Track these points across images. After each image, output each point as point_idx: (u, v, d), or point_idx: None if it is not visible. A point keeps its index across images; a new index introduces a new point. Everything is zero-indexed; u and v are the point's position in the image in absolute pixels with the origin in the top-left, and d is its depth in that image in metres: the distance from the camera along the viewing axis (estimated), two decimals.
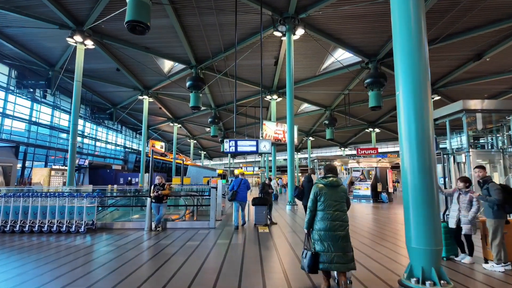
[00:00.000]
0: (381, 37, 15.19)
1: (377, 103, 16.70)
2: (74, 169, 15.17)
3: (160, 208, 7.38)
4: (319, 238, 3.37)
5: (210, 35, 15.59)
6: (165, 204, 7.52)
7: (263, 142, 9.09)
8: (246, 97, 24.29)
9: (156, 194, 7.33)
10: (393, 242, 6.17)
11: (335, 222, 3.37)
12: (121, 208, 9.50)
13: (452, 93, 21.88)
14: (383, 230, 7.66)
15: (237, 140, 9.04)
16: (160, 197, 7.37)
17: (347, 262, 3.29)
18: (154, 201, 7.37)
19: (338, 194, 3.49)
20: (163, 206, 7.42)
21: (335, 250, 3.28)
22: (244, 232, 7.18)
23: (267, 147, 9.07)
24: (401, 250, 5.45)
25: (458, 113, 8.56)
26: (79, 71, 15.44)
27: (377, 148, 18.26)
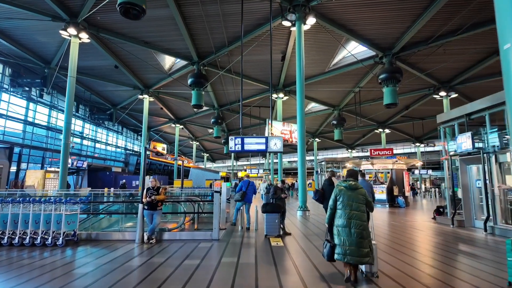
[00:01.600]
0: (398, 28, 14.02)
1: (393, 100, 15.48)
2: (67, 171, 14.09)
3: (154, 216, 6.24)
4: (337, 232, 3.84)
5: (213, 27, 14.51)
6: (160, 212, 6.37)
7: (274, 139, 7.93)
8: (250, 96, 23.19)
9: (149, 199, 6.18)
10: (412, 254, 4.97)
11: (351, 220, 3.76)
12: (117, 215, 8.39)
13: (470, 90, 20.60)
14: (402, 238, 6.45)
15: (243, 137, 7.89)
16: (154, 203, 6.22)
17: (360, 256, 3.65)
18: (147, 208, 6.23)
19: (356, 196, 3.87)
20: (157, 214, 6.26)
21: (349, 245, 3.68)
22: (254, 245, 6.01)
23: (278, 145, 7.91)
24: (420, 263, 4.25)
25: (502, 105, 7.29)
26: (73, 66, 14.41)
27: (392, 149, 17.02)
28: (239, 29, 14.69)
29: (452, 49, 15.51)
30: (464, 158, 8.49)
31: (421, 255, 5.42)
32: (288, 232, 7.03)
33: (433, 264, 4.82)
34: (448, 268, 4.60)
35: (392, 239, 6.78)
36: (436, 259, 5.12)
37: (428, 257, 5.28)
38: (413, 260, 4.97)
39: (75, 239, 6.13)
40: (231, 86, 22.02)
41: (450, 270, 4.50)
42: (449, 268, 4.60)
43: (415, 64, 17.30)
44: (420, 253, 5.59)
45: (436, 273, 4.36)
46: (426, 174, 28.64)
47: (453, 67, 17.63)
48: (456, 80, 18.88)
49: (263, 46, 16.19)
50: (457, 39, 14.47)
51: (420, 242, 6.62)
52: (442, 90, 19.55)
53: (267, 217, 6.63)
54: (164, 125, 34.78)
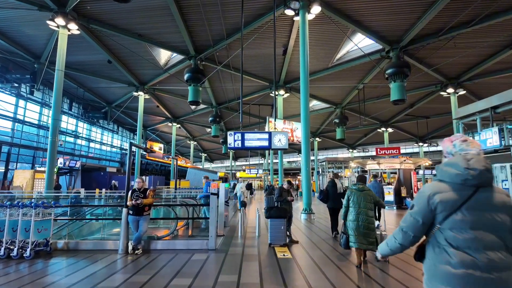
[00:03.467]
0: (407, 19, 13.19)
1: (400, 96, 14.66)
2: (54, 171, 13.18)
3: (139, 223, 5.35)
4: (349, 225, 4.70)
5: (210, 17, 13.64)
6: (147, 218, 5.48)
7: (278, 135, 7.06)
8: (250, 94, 22.31)
9: (134, 203, 5.30)
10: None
11: (359, 215, 4.66)
12: (104, 220, 7.48)
13: (478, 87, 19.81)
14: None
15: (244, 133, 7.01)
16: (140, 207, 5.34)
17: (368, 244, 4.53)
18: (132, 213, 5.35)
19: (364, 196, 4.78)
20: (144, 220, 5.38)
21: (358, 235, 4.57)
22: (257, 257, 5.14)
23: (283, 142, 7.04)
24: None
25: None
26: (61, 59, 13.52)
27: (399, 148, 16.17)
28: (238, 20, 13.86)
29: (463, 42, 14.69)
30: (489, 156, 7.66)
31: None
32: (295, 240, 6.16)
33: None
34: None
35: None
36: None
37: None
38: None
39: (48, 250, 5.24)
40: (229, 83, 21.16)
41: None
42: None
43: (423, 59, 16.49)
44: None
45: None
46: (431, 174, 27.82)
47: (463, 62, 16.82)
48: (465, 76, 18.08)
49: (264, 39, 15.34)
50: (468, 32, 13.68)
51: None
52: (450, 87, 18.75)
53: (272, 223, 5.75)
54: (161, 124, 33.87)
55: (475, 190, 1.47)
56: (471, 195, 1.46)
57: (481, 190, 1.47)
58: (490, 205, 1.45)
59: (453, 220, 1.45)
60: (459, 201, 1.46)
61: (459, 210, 1.45)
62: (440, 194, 1.51)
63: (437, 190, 1.53)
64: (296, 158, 51.56)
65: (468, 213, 1.44)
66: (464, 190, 1.48)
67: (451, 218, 1.46)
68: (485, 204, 1.45)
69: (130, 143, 5.70)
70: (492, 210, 1.44)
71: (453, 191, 1.49)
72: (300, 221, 9.59)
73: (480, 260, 1.38)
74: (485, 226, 1.42)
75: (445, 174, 1.56)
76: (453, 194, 1.48)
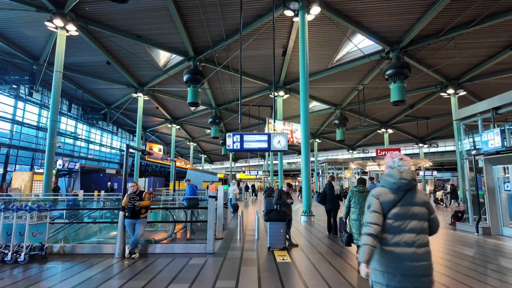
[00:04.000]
0: (407, 19, 13.12)
1: (400, 97, 14.58)
2: (52, 173, 13.10)
3: (136, 227, 5.26)
4: (352, 224, 5.18)
5: (210, 18, 13.58)
6: (144, 221, 5.39)
7: (277, 136, 6.98)
8: (249, 95, 22.23)
9: (130, 206, 5.21)
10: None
11: (360, 215, 5.06)
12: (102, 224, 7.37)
13: (479, 88, 19.74)
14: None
15: (243, 134, 6.94)
16: (136, 210, 5.25)
17: None
18: (128, 216, 5.26)
19: (364, 197, 5.19)
20: (140, 223, 5.28)
21: (359, 233, 4.88)
22: (255, 261, 5.05)
23: (282, 143, 6.96)
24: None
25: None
26: (60, 61, 13.44)
27: (400, 149, 16.08)
28: (237, 21, 13.80)
29: (463, 43, 14.63)
30: (490, 158, 7.58)
31: (453, 271, 4.48)
32: (294, 244, 6.07)
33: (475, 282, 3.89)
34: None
35: None
36: (475, 277, 4.18)
37: (463, 274, 4.34)
38: (442, 277, 4.04)
39: (43, 254, 5.15)
40: (229, 84, 21.10)
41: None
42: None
43: (423, 60, 16.42)
44: (451, 268, 4.64)
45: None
46: (431, 175, 27.72)
47: (463, 63, 16.76)
48: (465, 77, 18.00)
49: (263, 40, 15.28)
50: (469, 32, 13.61)
51: (446, 254, 5.68)
52: (450, 88, 18.68)
53: (271, 226, 5.66)
54: (160, 126, 33.80)
55: (405, 193, 2.12)
56: (402, 196, 2.11)
57: (409, 192, 2.12)
58: (414, 202, 2.11)
59: (392, 213, 2.09)
60: (396, 200, 2.11)
61: (395, 207, 2.10)
62: (383, 196, 2.13)
63: (381, 193, 2.15)
64: (296, 159, 51.48)
65: (400, 208, 2.09)
66: (398, 193, 2.12)
67: (391, 211, 2.09)
68: (411, 202, 2.10)
69: (127, 145, 5.61)
70: (415, 205, 2.10)
71: (391, 194, 2.13)
72: (300, 224, 9.50)
73: (407, 240, 2.03)
74: (411, 216, 2.08)
75: (386, 182, 2.19)
76: (392, 195, 2.12)
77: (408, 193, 2.12)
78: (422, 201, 2.15)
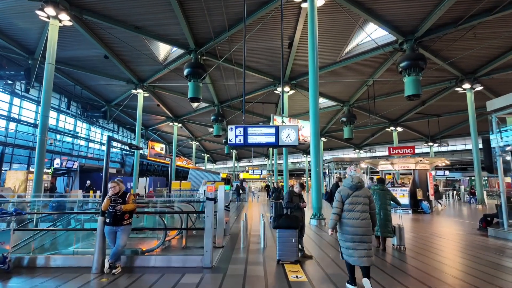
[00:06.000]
0: (424, 6, 12.12)
1: (415, 91, 13.57)
2: (43, 172, 12.28)
3: (117, 235, 4.35)
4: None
5: (211, 6, 12.68)
6: (127, 228, 4.47)
7: (286, 129, 6.05)
8: (253, 91, 21.32)
9: (112, 210, 4.31)
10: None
11: (380, 210, 5.89)
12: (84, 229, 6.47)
13: (496, 82, 18.63)
14: (462, 260, 4.53)
15: (247, 127, 6.02)
16: (118, 215, 4.35)
17: (387, 232, 5.87)
18: (108, 223, 4.36)
19: (384, 195, 6.07)
20: (122, 231, 4.38)
21: (380, 225, 5.82)
22: (263, 278, 4.12)
23: (292, 137, 6.03)
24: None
25: None
26: (52, 52, 12.57)
27: (414, 147, 15.07)
28: (240, 9, 12.89)
29: (483, 32, 13.60)
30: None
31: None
32: (308, 255, 5.13)
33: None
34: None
35: (450, 260, 4.91)
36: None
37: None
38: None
39: (6, 268, 4.28)
40: (232, 79, 20.19)
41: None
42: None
43: (438, 52, 15.39)
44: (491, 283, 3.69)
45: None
46: (443, 175, 26.60)
47: (481, 55, 15.69)
48: (482, 70, 16.91)
49: (267, 31, 14.38)
50: (490, 20, 12.61)
51: (481, 265, 4.71)
52: (466, 82, 17.60)
53: (281, 235, 4.73)
54: (162, 124, 33.01)
55: (356, 189, 3.88)
56: (354, 191, 3.87)
57: (358, 189, 3.89)
58: (359, 195, 3.85)
59: (347, 201, 3.84)
60: (350, 194, 3.86)
61: (349, 197, 3.84)
62: (343, 191, 3.92)
63: (342, 190, 3.95)
64: (300, 159, 50.46)
65: (352, 198, 3.83)
66: (351, 190, 3.89)
67: (347, 200, 3.84)
68: (358, 195, 3.85)
69: (108, 137, 4.72)
70: (360, 196, 3.84)
71: (348, 190, 3.90)
72: (310, 228, 8.56)
73: (356, 216, 3.75)
74: (357, 202, 3.80)
75: (346, 182, 3.99)
76: (348, 191, 3.89)
77: (357, 190, 3.85)
78: (365, 195, 3.85)
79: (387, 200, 5.98)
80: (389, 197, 6.05)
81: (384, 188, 6.14)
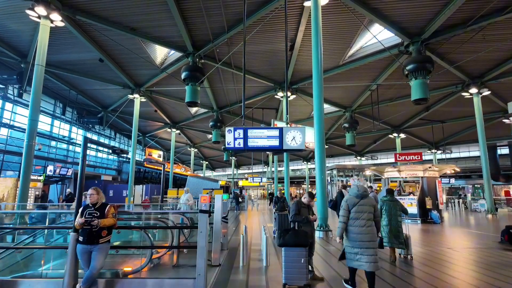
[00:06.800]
0: (432, 6, 11.60)
1: (423, 94, 12.96)
2: (29, 180, 11.55)
3: (93, 256, 3.62)
4: (383, 230, 5.85)
5: (209, 6, 12.15)
6: (104, 247, 3.73)
7: (292, 132, 5.40)
8: (253, 96, 20.75)
9: (87, 226, 3.59)
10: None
11: (391, 221, 5.89)
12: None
13: (504, 87, 18.07)
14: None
15: (247, 129, 5.36)
16: (94, 231, 3.63)
17: (399, 243, 5.78)
18: (82, 241, 3.64)
19: (394, 205, 6.04)
20: (98, 251, 3.64)
21: (391, 236, 5.78)
22: None
23: (298, 141, 5.38)
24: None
25: None
26: (42, 53, 11.98)
27: (421, 153, 14.42)
28: (240, 9, 12.34)
29: (493, 34, 13.08)
30: None
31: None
32: (319, 277, 4.41)
33: None
34: None
35: (475, 279, 4.20)
36: None
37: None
38: None
39: None
40: (231, 84, 19.63)
41: None
42: None
43: (445, 55, 14.87)
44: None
45: None
46: (448, 183, 25.90)
47: (489, 58, 15.17)
48: (490, 74, 16.37)
49: (267, 33, 13.86)
50: (500, 22, 12.12)
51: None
52: (473, 87, 17.03)
53: (287, 254, 4.01)
54: (160, 130, 32.35)
55: (361, 198, 4.08)
56: (359, 200, 4.07)
57: (363, 198, 4.09)
58: (365, 203, 4.05)
59: (354, 210, 4.04)
60: (356, 203, 4.06)
61: (355, 206, 4.03)
62: (350, 200, 4.10)
63: (348, 198, 4.14)
64: (300, 166, 49.72)
65: (358, 207, 4.03)
66: (357, 198, 4.09)
67: (353, 209, 4.03)
68: (363, 203, 4.05)
69: (84, 137, 4.04)
70: (366, 205, 4.04)
71: (355, 198, 4.09)
72: (316, 241, 7.81)
73: (362, 224, 3.95)
74: (363, 211, 4.01)
75: (352, 192, 4.20)
76: (355, 200, 4.09)
77: (363, 198, 4.09)
78: (370, 204, 4.11)
79: (397, 211, 5.97)
80: (399, 208, 6.05)
81: (393, 199, 6.18)
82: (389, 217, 5.89)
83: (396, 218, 5.90)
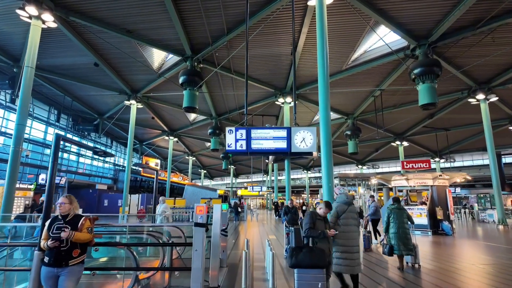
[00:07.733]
0: (440, 7, 11.14)
1: (431, 99, 12.39)
2: (14, 188, 10.81)
3: (61, 282, 2.87)
4: (392, 237, 6.00)
5: (208, 6, 11.65)
6: (76, 270, 2.93)
7: (301, 132, 4.75)
8: (253, 102, 20.18)
9: (53, 243, 2.88)
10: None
11: (399, 229, 5.98)
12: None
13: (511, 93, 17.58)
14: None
15: (250, 129, 4.71)
16: (63, 250, 2.90)
17: (407, 250, 5.86)
18: (47, 262, 2.91)
19: (401, 214, 6.16)
20: (67, 275, 2.85)
21: (400, 244, 5.85)
22: None
23: (308, 143, 4.73)
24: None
25: None
26: (32, 55, 11.37)
27: (429, 161, 13.77)
28: (240, 10, 11.86)
29: (502, 37, 12.63)
30: None
31: None
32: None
33: None
34: None
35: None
36: None
37: None
38: None
39: None
40: (230, 89, 19.07)
41: None
42: None
43: (452, 59, 14.40)
44: None
45: None
46: (454, 192, 25.19)
47: (497, 63, 14.70)
48: (498, 79, 15.88)
49: (268, 35, 13.36)
50: (510, 24, 11.66)
51: None
52: (480, 93, 16.53)
53: (301, 276, 3.29)
54: (157, 138, 31.66)
55: (348, 206, 4.37)
56: (347, 207, 4.35)
57: (351, 206, 4.40)
58: (353, 210, 4.39)
59: (343, 216, 4.29)
60: (345, 210, 4.34)
61: (344, 213, 4.31)
62: (339, 207, 4.38)
63: (339, 206, 4.40)
64: (300, 175, 48.94)
65: (346, 214, 4.31)
66: (346, 205, 4.37)
67: (343, 215, 4.29)
68: (352, 210, 4.37)
69: (57, 135, 3.37)
70: (353, 212, 4.38)
71: (343, 205, 4.38)
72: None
73: (349, 230, 4.23)
74: (351, 217, 4.32)
75: (340, 199, 4.50)
76: (343, 207, 4.36)
77: (350, 205, 4.35)
78: (355, 210, 4.43)
79: (404, 219, 6.13)
80: (406, 215, 6.21)
81: (400, 207, 6.36)
82: (397, 224, 6.03)
83: (403, 225, 6.03)
